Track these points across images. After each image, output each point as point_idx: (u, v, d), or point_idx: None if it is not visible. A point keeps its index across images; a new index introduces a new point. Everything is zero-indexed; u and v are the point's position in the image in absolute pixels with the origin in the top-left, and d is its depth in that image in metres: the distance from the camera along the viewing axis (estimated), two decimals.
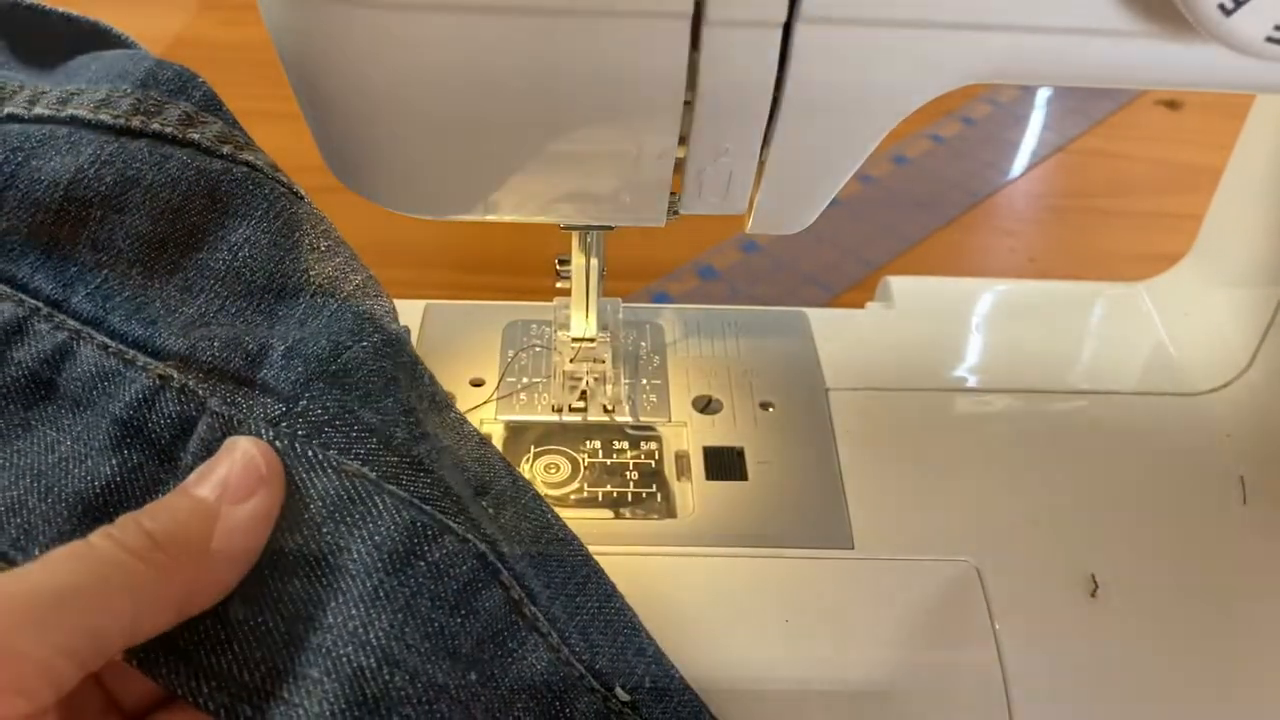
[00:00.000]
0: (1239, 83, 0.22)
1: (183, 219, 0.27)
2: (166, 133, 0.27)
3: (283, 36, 0.22)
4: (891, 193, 0.64)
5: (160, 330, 0.26)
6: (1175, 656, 0.31)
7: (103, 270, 0.27)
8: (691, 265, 0.58)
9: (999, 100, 0.73)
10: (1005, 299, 0.44)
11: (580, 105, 0.21)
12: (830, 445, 0.36)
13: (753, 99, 0.21)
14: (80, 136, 0.27)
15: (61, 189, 0.26)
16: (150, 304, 0.26)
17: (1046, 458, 0.37)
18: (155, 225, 0.27)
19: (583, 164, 0.24)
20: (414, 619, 0.23)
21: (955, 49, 0.21)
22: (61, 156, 0.26)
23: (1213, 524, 0.35)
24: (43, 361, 0.25)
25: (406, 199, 0.26)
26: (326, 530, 0.24)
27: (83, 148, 0.26)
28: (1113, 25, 0.20)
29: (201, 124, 0.28)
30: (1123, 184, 0.67)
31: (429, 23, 0.20)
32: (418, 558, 0.24)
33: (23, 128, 0.27)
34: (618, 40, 0.20)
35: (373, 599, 0.23)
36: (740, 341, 0.39)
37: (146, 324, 0.26)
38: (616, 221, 0.28)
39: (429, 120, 0.22)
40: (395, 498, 0.24)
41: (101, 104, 0.27)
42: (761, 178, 0.24)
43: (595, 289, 0.35)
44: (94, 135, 0.27)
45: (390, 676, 0.22)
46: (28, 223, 0.26)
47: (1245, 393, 0.39)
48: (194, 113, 0.28)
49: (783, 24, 0.20)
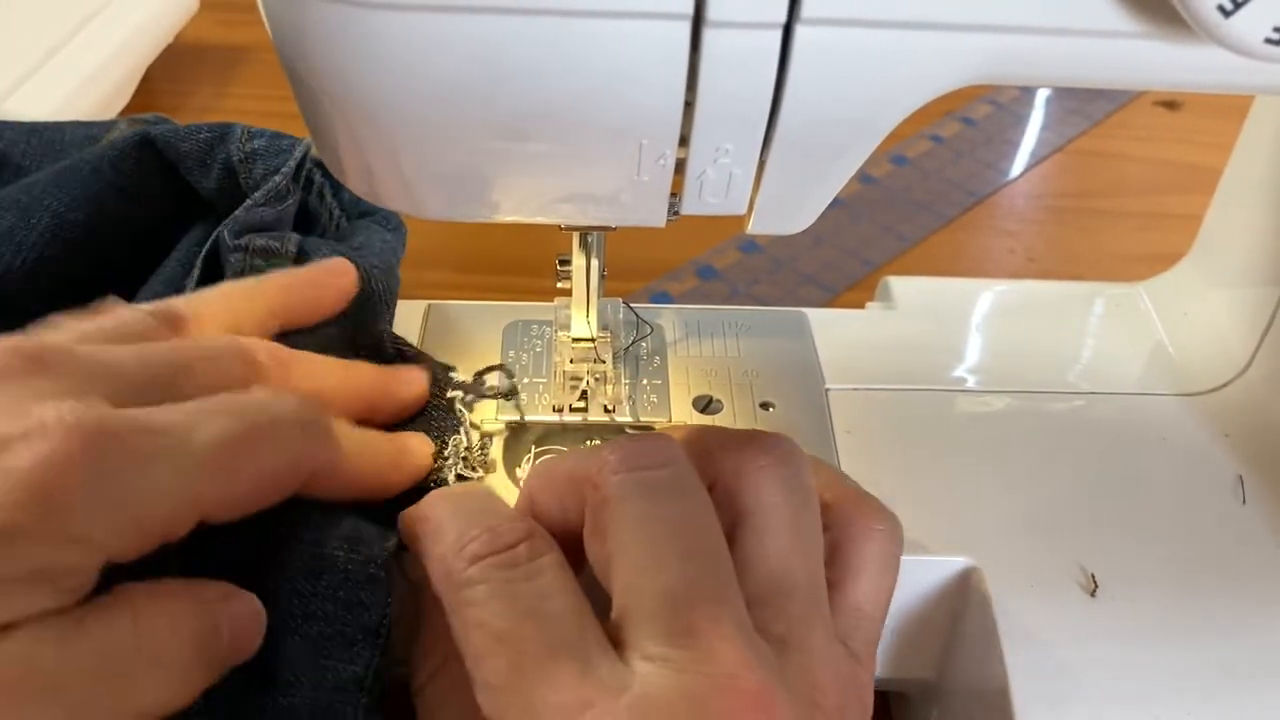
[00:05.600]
0: (1238, 84, 0.22)
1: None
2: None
3: (283, 37, 0.22)
4: (891, 193, 0.65)
5: None
6: (1176, 656, 0.31)
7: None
8: (691, 265, 0.58)
9: (999, 100, 0.73)
10: (1005, 299, 0.44)
11: (580, 106, 0.21)
12: (830, 445, 0.36)
13: (753, 100, 0.21)
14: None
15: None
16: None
17: (1046, 458, 0.37)
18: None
19: (583, 165, 0.24)
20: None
21: (955, 49, 0.21)
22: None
23: (1212, 524, 0.35)
24: None
25: (407, 200, 0.26)
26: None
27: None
28: (1112, 26, 0.20)
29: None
30: (1122, 184, 0.67)
31: (429, 23, 0.20)
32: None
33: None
34: (618, 41, 0.20)
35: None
36: (740, 341, 0.39)
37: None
38: (617, 222, 0.29)
39: (429, 120, 0.22)
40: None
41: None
42: (762, 178, 0.24)
43: (596, 289, 0.35)
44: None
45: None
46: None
47: (1244, 393, 0.39)
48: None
49: (783, 25, 0.20)
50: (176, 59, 0.69)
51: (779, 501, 0.27)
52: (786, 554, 0.26)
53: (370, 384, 0.32)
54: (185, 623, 0.24)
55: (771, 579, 0.26)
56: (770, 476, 0.27)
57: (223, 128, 0.37)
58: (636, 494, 0.25)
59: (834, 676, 0.25)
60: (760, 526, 0.26)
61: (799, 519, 0.27)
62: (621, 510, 0.25)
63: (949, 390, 0.39)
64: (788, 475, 0.27)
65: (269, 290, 0.31)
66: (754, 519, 0.26)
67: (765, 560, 0.26)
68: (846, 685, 0.25)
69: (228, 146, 0.37)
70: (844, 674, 0.25)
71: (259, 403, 0.26)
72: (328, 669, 0.26)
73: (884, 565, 0.28)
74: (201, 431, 0.24)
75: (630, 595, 0.24)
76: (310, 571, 0.27)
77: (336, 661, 0.26)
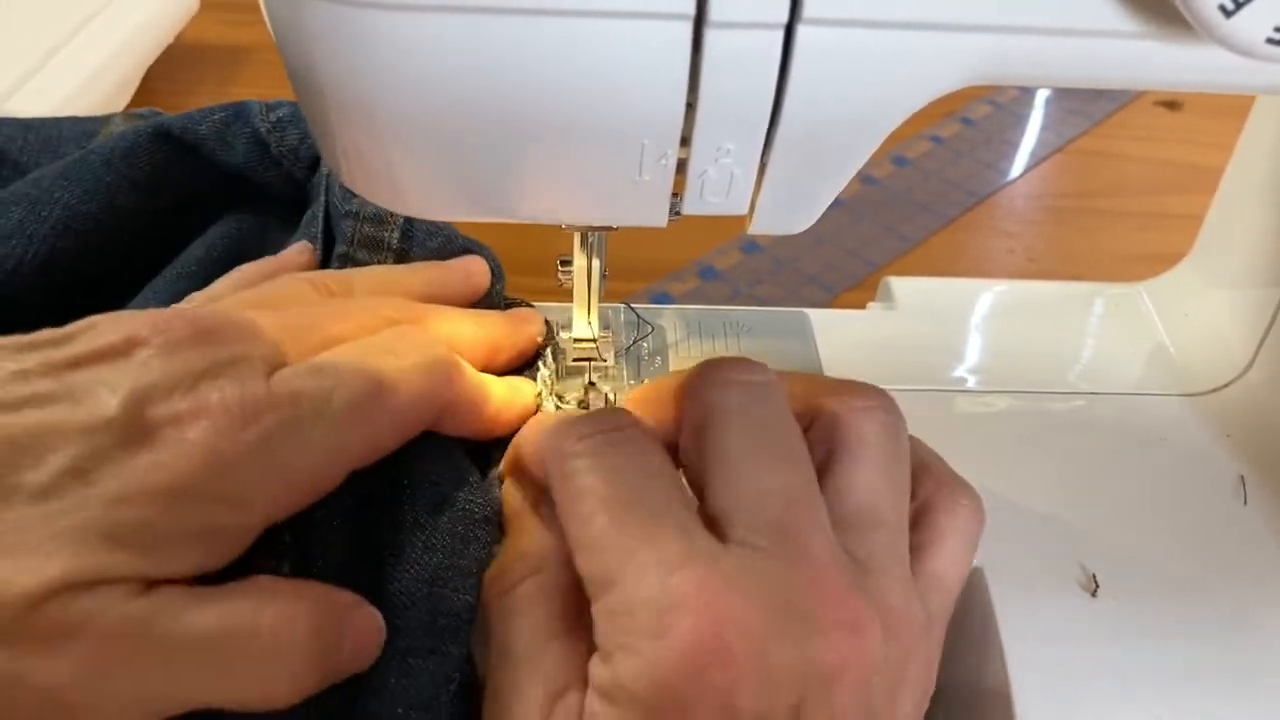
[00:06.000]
0: (1239, 84, 0.22)
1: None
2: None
3: (284, 37, 0.22)
4: (892, 193, 0.65)
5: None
6: (1177, 656, 0.31)
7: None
8: (693, 266, 0.58)
9: (999, 101, 0.73)
10: (1005, 299, 0.44)
11: (581, 106, 0.21)
12: None
13: (754, 100, 0.21)
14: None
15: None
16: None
17: (1047, 458, 0.37)
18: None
19: (584, 165, 0.24)
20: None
21: (956, 50, 0.21)
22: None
23: (1213, 524, 0.35)
24: None
25: (408, 200, 0.26)
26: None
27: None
28: (1113, 26, 0.20)
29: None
30: (1122, 184, 0.67)
31: (429, 22, 0.20)
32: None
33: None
34: (619, 41, 0.20)
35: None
36: (741, 342, 0.39)
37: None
38: (618, 222, 0.29)
39: (428, 121, 0.22)
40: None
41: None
42: (763, 179, 0.24)
43: (597, 289, 0.35)
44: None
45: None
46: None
47: (1245, 393, 0.39)
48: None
49: (784, 25, 0.20)
50: (177, 59, 0.69)
51: (876, 440, 0.27)
52: (877, 489, 0.26)
53: (500, 329, 0.34)
54: (308, 622, 0.24)
55: (860, 510, 0.26)
56: (871, 417, 0.27)
57: (236, 106, 0.38)
58: (738, 400, 0.26)
59: (908, 616, 0.25)
60: (855, 457, 0.27)
61: (891, 464, 0.27)
62: (722, 416, 0.26)
63: (950, 390, 0.39)
64: (888, 421, 0.28)
65: (416, 282, 0.33)
66: (850, 450, 0.27)
67: (855, 491, 0.26)
68: (917, 633, 0.25)
69: (250, 121, 0.38)
70: (917, 621, 0.26)
71: (388, 350, 0.28)
72: (444, 598, 0.27)
73: (965, 541, 0.28)
74: (342, 389, 0.25)
75: (726, 493, 0.25)
76: (433, 507, 0.28)
77: (452, 591, 0.27)
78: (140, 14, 0.64)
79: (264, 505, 0.24)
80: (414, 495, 0.29)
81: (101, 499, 0.22)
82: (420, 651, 0.27)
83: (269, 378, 0.25)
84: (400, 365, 0.27)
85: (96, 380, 0.23)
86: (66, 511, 0.21)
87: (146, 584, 0.22)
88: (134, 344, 0.24)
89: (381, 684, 0.26)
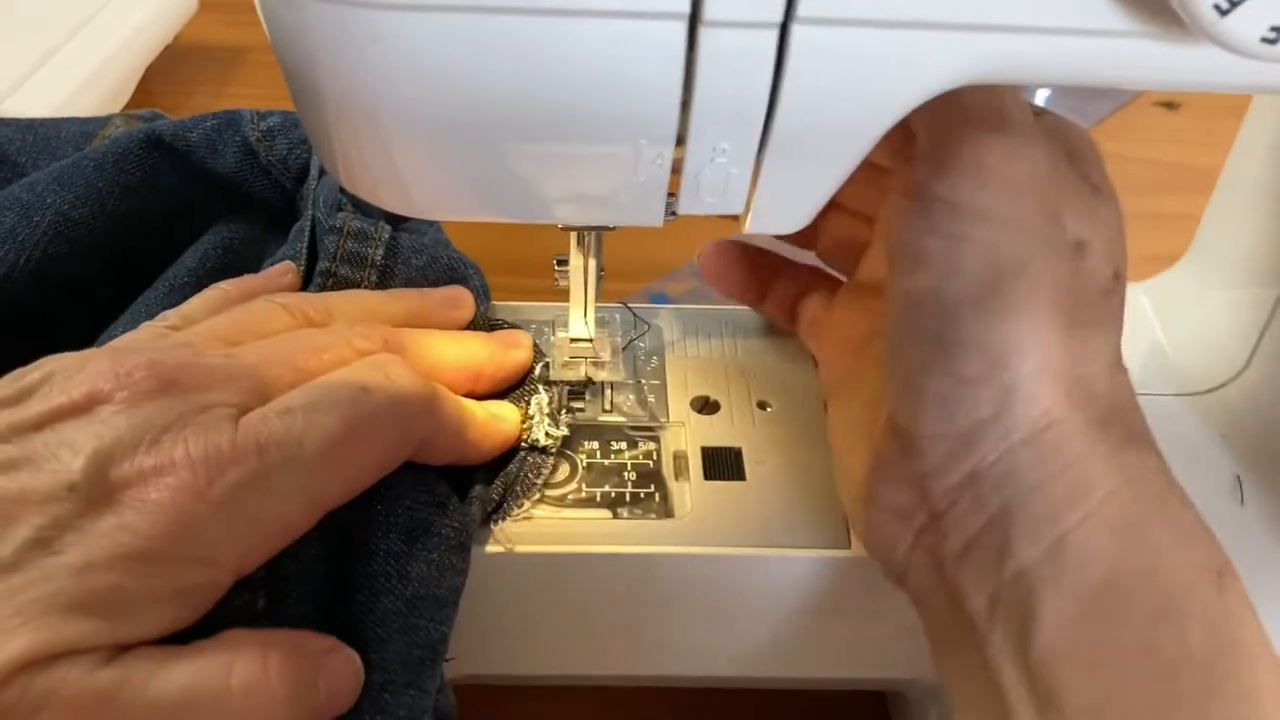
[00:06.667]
0: (1235, 83, 0.22)
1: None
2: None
3: (280, 36, 0.22)
4: None
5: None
6: None
7: None
8: (689, 265, 0.58)
9: None
10: None
11: (577, 106, 0.22)
12: (828, 445, 0.36)
13: (749, 100, 0.21)
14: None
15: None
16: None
17: None
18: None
19: (580, 165, 0.24)
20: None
21: (952, 49, 0.21)
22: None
23: (1210, 524, 0.35)
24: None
25: (404, 200, 0.26)
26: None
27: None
28: (1110, 26, 0.20)
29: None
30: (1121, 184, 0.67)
31: (423, 22, 0.20)
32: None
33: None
34: (615, 40, 0.20)
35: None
36: (738, 342, 0.39)
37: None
38: (614, 222, 0.29)
39: (425, 121, 0.22)
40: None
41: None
42: (759, 178, 0.24)
43: (594, 289, 0.35)
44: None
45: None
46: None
47: (1242, 393, 0.39)
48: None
49: (779, 24, 0.20)
50: (176, 59, 0.69)
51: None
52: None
53: (483, 353, 0.34)
54: (282, 674, 0.24)
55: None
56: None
57: (227, 114, 0.38)
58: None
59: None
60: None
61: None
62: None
63: None
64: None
65: (398, 311, 0.33)
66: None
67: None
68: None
69: (240, 129, 0.38)
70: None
71: (361, 386, 0.27)
72: (419, 628, 0.27)
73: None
74: (314, 431, 0.25)
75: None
76: (407, 533, 0.28)
77: (427, 621, 0.27)
78: (139, 15, 0.64)
79: (234, 560, 0.24)
80: (389, 522, 0.28)
81: (68, 568, 0.21)
82: (396, 686, 0.26)
83: (237, 423, 0.24)
84: (375, 401, 0.27)
85: (59, 442, 0.23)
86: (32, 584, 0.21)
87: (116, 649, 0.22)
88: (95, 400, 0.24)
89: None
